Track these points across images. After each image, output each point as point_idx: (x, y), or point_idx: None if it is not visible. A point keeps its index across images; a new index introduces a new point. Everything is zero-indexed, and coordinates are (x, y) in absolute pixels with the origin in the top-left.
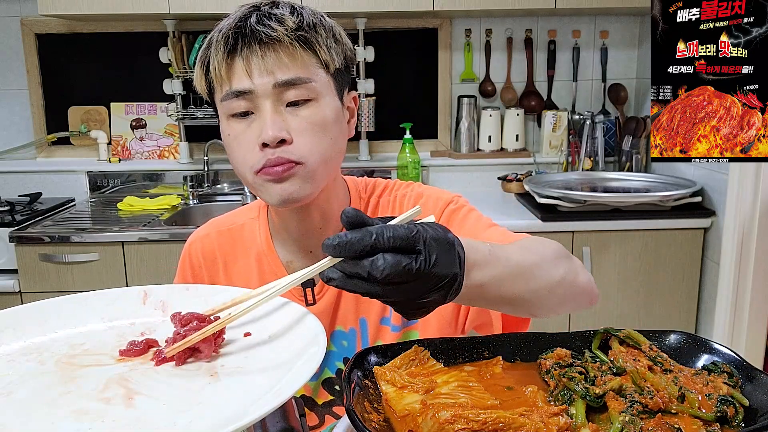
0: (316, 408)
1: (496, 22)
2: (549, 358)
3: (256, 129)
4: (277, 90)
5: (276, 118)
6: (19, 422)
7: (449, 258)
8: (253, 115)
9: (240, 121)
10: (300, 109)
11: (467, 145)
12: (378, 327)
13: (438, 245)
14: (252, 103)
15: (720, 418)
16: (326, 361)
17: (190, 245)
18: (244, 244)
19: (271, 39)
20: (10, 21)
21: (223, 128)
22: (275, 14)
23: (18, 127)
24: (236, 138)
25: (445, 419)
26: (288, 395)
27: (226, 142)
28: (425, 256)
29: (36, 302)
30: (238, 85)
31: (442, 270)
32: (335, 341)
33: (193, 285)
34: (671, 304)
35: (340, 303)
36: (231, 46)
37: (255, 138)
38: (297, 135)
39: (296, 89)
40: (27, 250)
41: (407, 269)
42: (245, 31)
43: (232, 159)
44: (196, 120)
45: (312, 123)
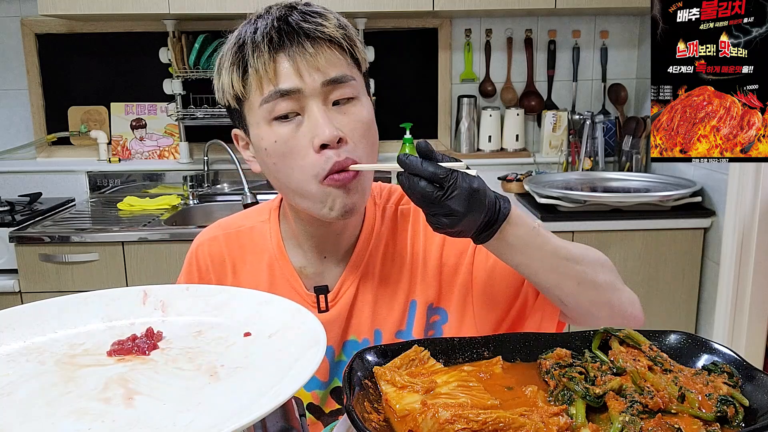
0: (323, 417)
1: (496, 22)
2: (549, 358)
3: (306, 131)
4: (326, 89)
5: (329, 117)
6: (19, 422)
7: (467, 200)
8: (299, 117)
9: (284, 124)
10: (346, 108)
11: (467, 145)
12: (393, 340)
13: (461, 188)
14: (298, 103)
15: (720, 418)
16: (336, 371)
17: (197, 247)
18: (254, 247)
19: (323, 35)
20: (10, 21)
21: (264, 135)
22: (318, 12)
23: (18, 127)
24: (286, 143)
25: (445, 419)
26: (288, 395)
27: (270, 150)
28: (444, 190)
29: (36, 302)
30: (285, 84)
31: (453, 204)
32: (347, 351)
33: (193, 285)
34: (671, 304)
35: (354, 312)
36: (276, 44)
37: (308, 141)
38: (350, 134)
39: (342, 88)
40: (27, 250)
41: (429, 192)
42: (291, 28)
43: (279, 167)
44: (196, 120)
45: (360, 121)
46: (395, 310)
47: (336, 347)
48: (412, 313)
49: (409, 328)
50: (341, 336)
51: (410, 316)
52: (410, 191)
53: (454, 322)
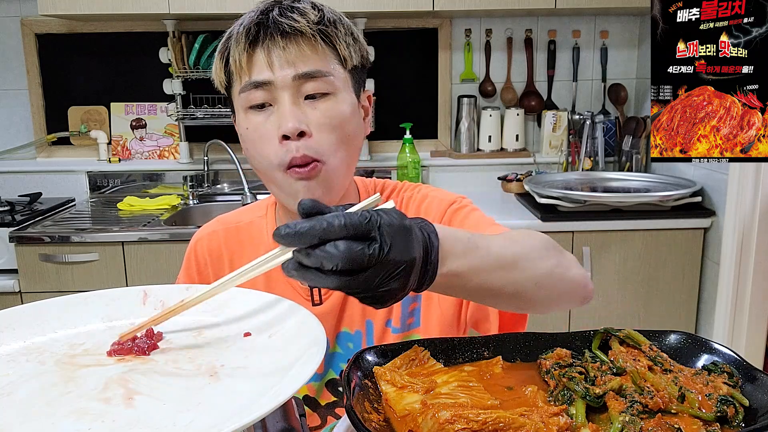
0: (318, 409)
1: (496, 22)
2: (549, 358)
3: (275, 121)
4: (297, 82)
5: (295, 110)
6: (19, 422)
7: (405, 243)
8: (272, 108)
9: (257, 113)
10: (318, 103)
11: (467, 145)
12: (383, 330)
13: (393, 231)
14: (271, 94)
15: (720, 418)
16: (331, 363)
17: (196, 242)
18: (251, 242)
19: (294, 30)
20: (10, 21)
21: (240, 121)
22: (297, 8)
23: (18, 127)
24: (255, 130)
25: (445, 419)
26: (288, 395)
27: (244, 136)
28: (379, 242)
29: (36, 302)
30: (258, 76)
31: (398, 256)
32: (341, 343)
33: (194, 285)
34: (671, 304)
35: (347, 304)
36: (253, 37)
37: (274, 130)
38: (315, 129)
39: (315, 82)
40: (27, 250)
41: (360, 256)
42: (267, 23)
43: (251, 152)
44: (196, 120)
45: (330, 117)
46: None
47: (330, 340)
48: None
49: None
50: (335, 328)
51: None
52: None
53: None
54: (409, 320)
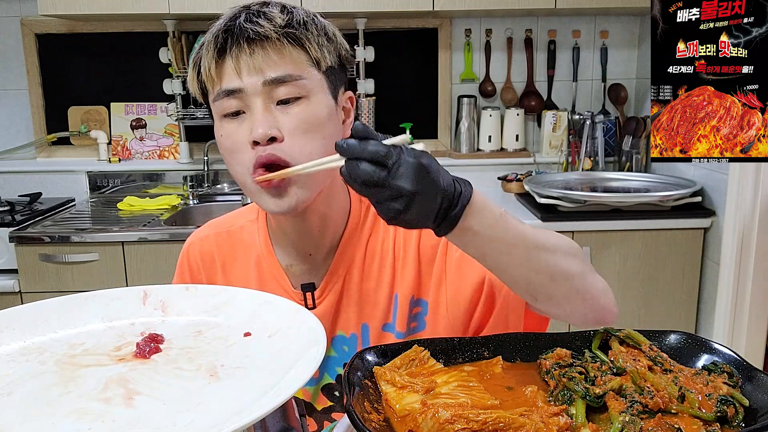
0: (315, 414)
1: (496, 22)
2: (549, 358)
3: (247, 128)
4: (267, 88)
5: (266, 116)
6: (19, 422)
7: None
8: (245, 115)
9: (231, 121)
10: (290, 107)
11: (467, 145)
12: (380, 333)
13: (407, 166)
14: (243, 102)
15: (720, 418)
16: (326, 367)
17: (188, 247)
18: (243, 246)
19: (258, 36)
20: (10, 21)
21: (216, 129)
22: (264, 12)
23: (18, 127)
24: (229, 137)
25: (445, 419)
26: (288, 395)
27: (219, 143)
28: (388, 169)
29: (36, 302)
30: (228, 84)
31: (402, 184)
32: (336, 346)
33: (193, 285)
34: (671, 304)
35: (341, 307)
36: (220, 45)
37: (246, 137)
38: (288, 133)
39: (286, 87)
40: (27, 250)
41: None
42: (234, 30)
43: (227, 159)
44: (196, 120)
45: (303, 120)
46: (381, 304)
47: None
48: (395, 306)
49: (395, 320)
50: (329, 332)
51: (395, 309)
52: (351, 179)
53: (431, 313)
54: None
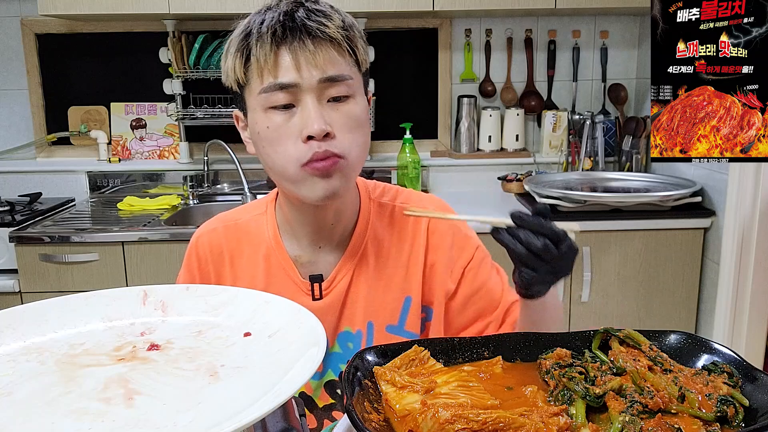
0: (315, 410)
1: (496, 22)
2: (549, 358)
3: (299, 122)
4: (322, 85)
5: (321, 112)
6: (19, 422)
7: (572, 261)
8: (294, 108)
9: (280, 114)
10: (340, 105)
11: (467, 145)
12: (385, 334)
13: (571, 252)
14: (294, 96)
15: (720, 418)
16: (330, 363)
17: (197, 239)
18: (251, 239)
19: (324, 35)
20: (10, 21)
21: (259, 120)
22: (322, 11)
23: (18, 127)
24: (276, 130)
25: (445, 419)
26: (288, 395)
27: (263, 135)
28: (560, 250)
29: (36, 302)
30: (284, 78)
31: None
32: (341, 342)
33: (193, 285)
34: (671, 304)
35: (347, 302)
36: (279, 38)
37: (297, 131)
38: (338, 130)
39: (338, 86)
40: (27, 250)
41: (546, 251)
42: (295, 25)
43: (270, 151)
44: (196, 120)
45: (350, 118)
46: (389, 304)
47: (330, 337)
48: (406, 309)
49: (402, 323)
50: (335, 326)
51: (404, 312)
52: (524, 246)
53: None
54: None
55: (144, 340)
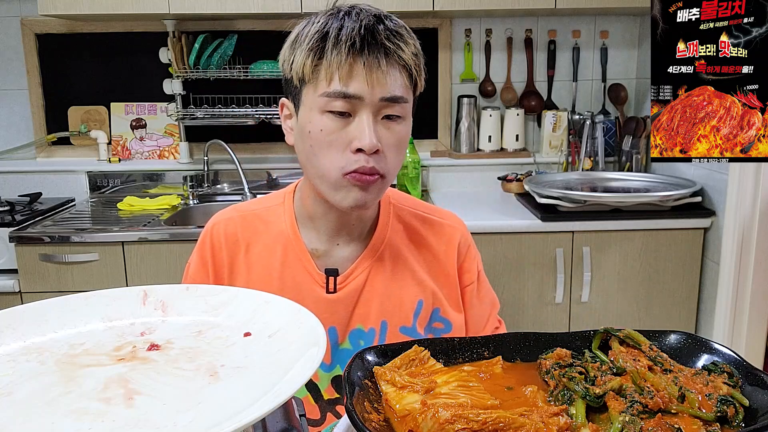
0: (320, 401)
1: (496, 22)
2: (549, 358)
3: (352, 132)
4: (381, 103)
5: (375, 128)
6: (19, 422)
7: None
8: (350, 118)
9: (335, 119)
10: (393, 124)
11: (467, 145)
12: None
13: None
14: (353, 107)
15: (720, 418)
16: (339, 358)
17: (212, 226)
18: (267, 228)
19: (399, 58)
20: (10, 21)
21: (313, 120)
22: (401, 34)
23: (18, 127)
24: (329, 135)
25: (445, 419)
26: (288, 395)
27: (314, 135)
28: None
29: (36, 302)
30: (351, 89)
31: None
32: (353, 339)
33: (193, 285)
34: (671, 304)
35: (361, 299)
36: (357, 50)
37: (348, 140)
38: (386, 148)
39: (395, 107)
40: (27, 250)
41: None
42: (375, 42)
43: (317, 151)
44: (196, 120)
45: (398, 139)
46: (405, 306)
47: (341, 332)
48: (417, 312)
49: (414, 325)
50: (347, 322)
51: (416, 315)
52: None
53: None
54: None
55: (144, 340)
